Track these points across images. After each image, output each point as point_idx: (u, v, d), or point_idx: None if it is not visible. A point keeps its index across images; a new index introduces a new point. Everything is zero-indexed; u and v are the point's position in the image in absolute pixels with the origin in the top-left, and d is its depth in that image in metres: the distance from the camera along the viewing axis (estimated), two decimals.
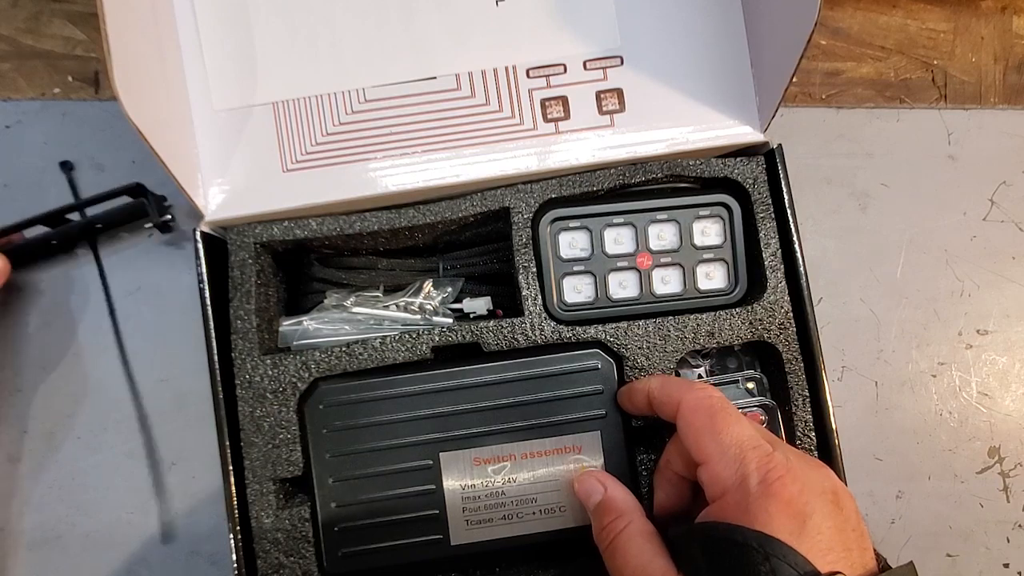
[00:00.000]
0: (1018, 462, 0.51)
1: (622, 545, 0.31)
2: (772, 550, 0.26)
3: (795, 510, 0.27)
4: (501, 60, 0.41)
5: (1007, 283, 0.52)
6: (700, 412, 0.31)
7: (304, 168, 0.41)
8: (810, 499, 0.27)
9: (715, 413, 0.31)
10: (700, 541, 0.28)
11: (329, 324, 0.41)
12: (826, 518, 0.27)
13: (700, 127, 0.41)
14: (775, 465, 0.28)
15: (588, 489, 0.35)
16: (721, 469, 0.29)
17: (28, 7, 0.48)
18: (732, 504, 0.28)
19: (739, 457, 0.29)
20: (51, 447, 0.46)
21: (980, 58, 0.53)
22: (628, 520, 0.32)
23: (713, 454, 0.29)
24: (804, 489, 0.27)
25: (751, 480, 0.28)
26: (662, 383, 0.34)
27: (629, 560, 0.30)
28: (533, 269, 0.40)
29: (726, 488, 0.28)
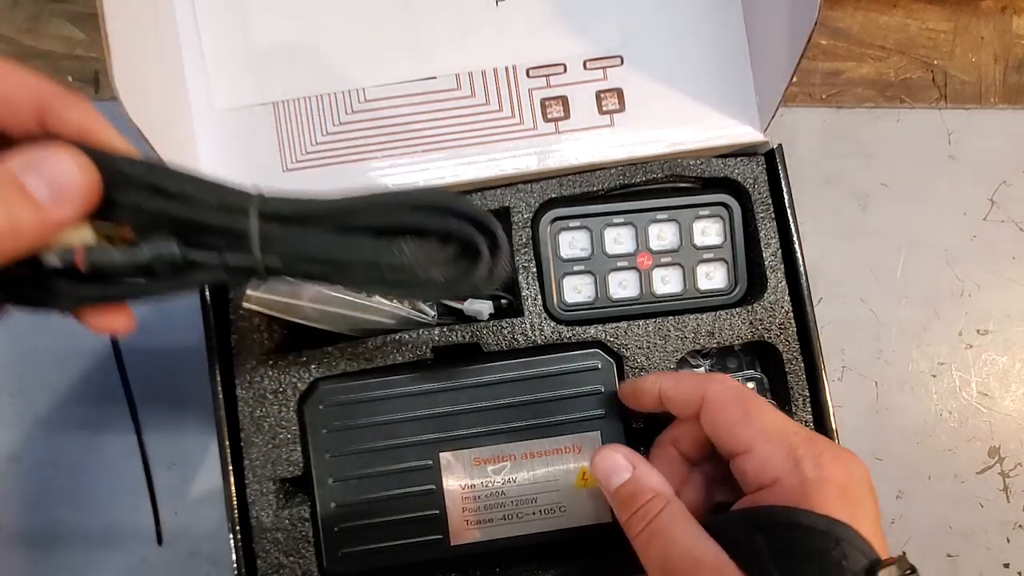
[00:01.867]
0: (1018, 462, 0.51)
1: (664, 529, 0.28)
2: (841, 534, 0.25)
3: (850, 496, 0.26)
4: (501, 60, 0.41)
5: (1007, 283, 0.52)
6: (731, 403, 0.30)
7: (304, 168, 0.41)
8: (858, 486, 0.27)
9: (747, 401, 0.30)
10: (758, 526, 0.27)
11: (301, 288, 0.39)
12: (870, 505, 0.27)
13: (700, 127, 0.41)
14: (823, 450, 0.27)
15: (611, 467, 0.31)
16: (769, 455, 0.28)
17: (28, 7, 0.48)
18: (788, 489, 0.27)
19: (787, 443, 0.28)
20: (51, 447, 0.46)
21: (980, 58, 0.53)
22: (666, 500, 0.29)
23: (757, 442, 0.28)
24: (852, 475, 0.27)
25: (805, 464, 0.27)
26: (677, 381, 0.32)
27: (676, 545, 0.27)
28: (533, 269, 0.40)
29: (779, 474, 0.27)
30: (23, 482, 0.45)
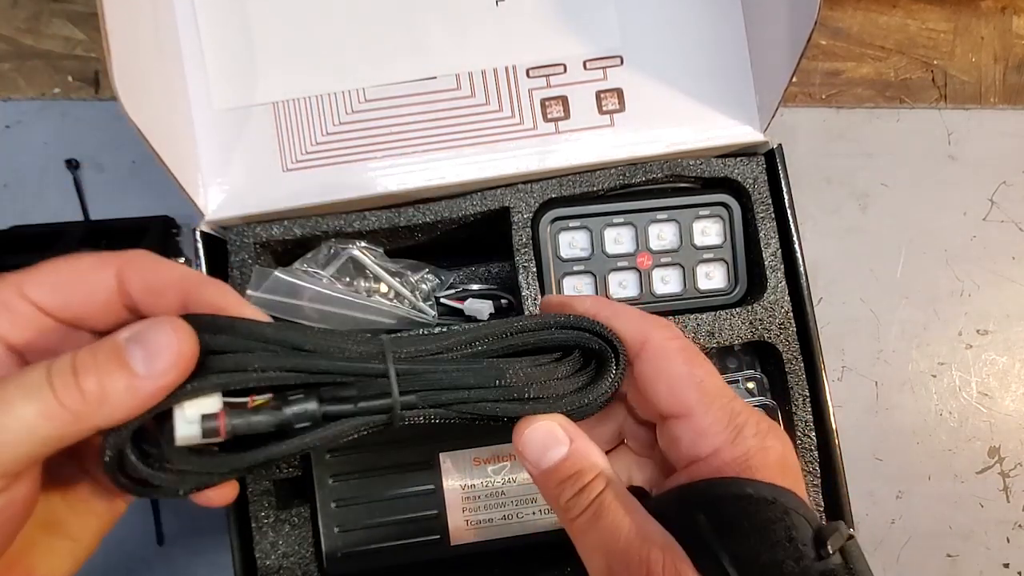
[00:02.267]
0: (1018, 462, 0.51)
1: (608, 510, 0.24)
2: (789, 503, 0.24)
3: (788, 463, 0.25)
4: (501, 60, 0.41)
5: (1007, 283, 0.52)
6: (676, 356, 0.26)
7: (304, 168, 0.41)
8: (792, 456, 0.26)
9: (693, 357, 0.26)
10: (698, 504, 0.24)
11: (301, 288, 0.39)
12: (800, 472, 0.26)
13: (700, 127, 0.41)
14: (759, 418, 0.26)
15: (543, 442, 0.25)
16: (711, 423, 0.25)
17: (28, 7, 0.48)
18: (731, 460, 0.25)
19: (728, 409, 0.25)
20: None
21: (980, 58, 0.53)
22: (608, 478, 0.25)
23: (699, 407, 0.25)
24: (786, 445, 0.26)
25: (747, 432, 0.25)
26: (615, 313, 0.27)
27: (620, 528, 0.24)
28: (533, 269, 0.40)
29: (719, 444, 0.25)
30: None
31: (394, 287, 0.41)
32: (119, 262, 0.22)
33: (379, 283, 0.42)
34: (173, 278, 0.23)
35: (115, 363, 0.20)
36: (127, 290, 0.22)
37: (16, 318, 0.22)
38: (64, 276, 0.22)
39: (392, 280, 0.41)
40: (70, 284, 0.22)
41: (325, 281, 0.40)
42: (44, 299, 0.22)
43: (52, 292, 0.22)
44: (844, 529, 0.23)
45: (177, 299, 0.23)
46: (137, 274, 0.22)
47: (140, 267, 0.22)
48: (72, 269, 0.22)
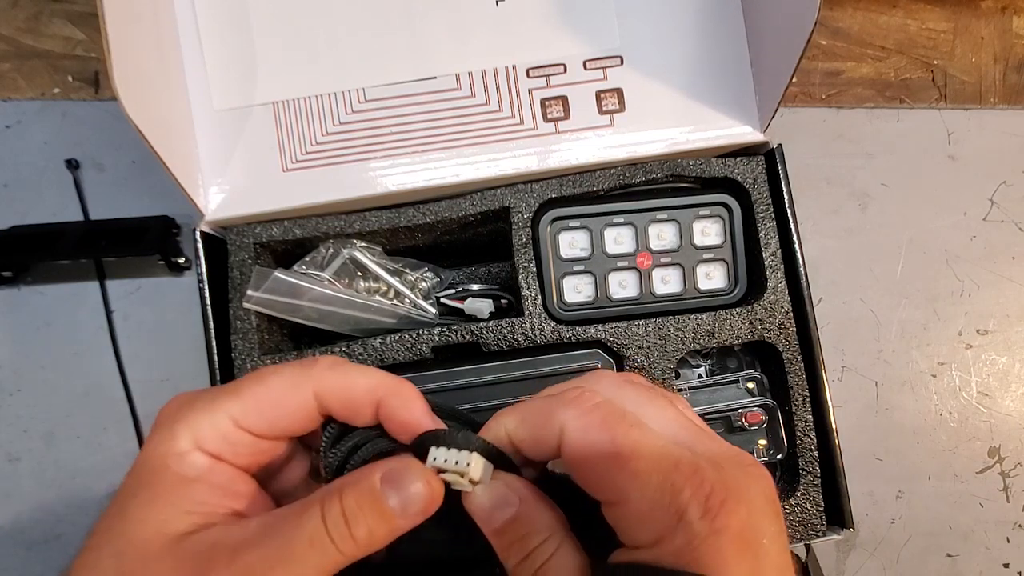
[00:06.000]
0: (1018, 462, 0.51)
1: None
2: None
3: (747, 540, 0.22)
4: (501, 60, 0.41)
5: (1007, 283, 0.52)
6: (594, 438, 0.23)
7: (304, 168, 0.41)
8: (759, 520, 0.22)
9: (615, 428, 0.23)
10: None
11: (301, 289, 0.40)
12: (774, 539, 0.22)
13: (700, 127, 0.41)
14: (713, 487, 0.22)
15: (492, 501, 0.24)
16: (648, 509, 0.22)
17: (28, 7, 0.48)
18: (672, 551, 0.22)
19: (667, 487, 0.22)
20: (51, 447, 0.46)
21: (980, 58, 0.53)
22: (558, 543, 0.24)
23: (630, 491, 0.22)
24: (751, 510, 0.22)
25: (691, 513, 0.21)
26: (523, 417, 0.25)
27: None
28: (533, 269, 0.40)
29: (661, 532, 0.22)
30: (23, 482, 0.45)
31: (394, 286, 0.41)
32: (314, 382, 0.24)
33: (379, 283, 0.42)
34: (365, 390, 0.25)
35: (378, 511, 0.22)
36: (326, 406, 0.25)
37: (238, 448, 0.24)
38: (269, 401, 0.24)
39: (392, 279, 0.41)
40: (276, 408, 0.24)
41: (325, 282, 0.40)
42: (255, 426, 0.24)
43: (261, 418, 0.24)
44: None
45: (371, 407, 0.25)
46: (333, 392, 0.25)
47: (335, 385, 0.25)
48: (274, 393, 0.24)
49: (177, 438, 0.23)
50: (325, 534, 0.21)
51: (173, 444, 0.23)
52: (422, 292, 0.42)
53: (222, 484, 0.23)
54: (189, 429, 0.23)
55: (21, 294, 0.46)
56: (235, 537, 0.21)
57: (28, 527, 0.45)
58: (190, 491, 0.22)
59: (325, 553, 0.21)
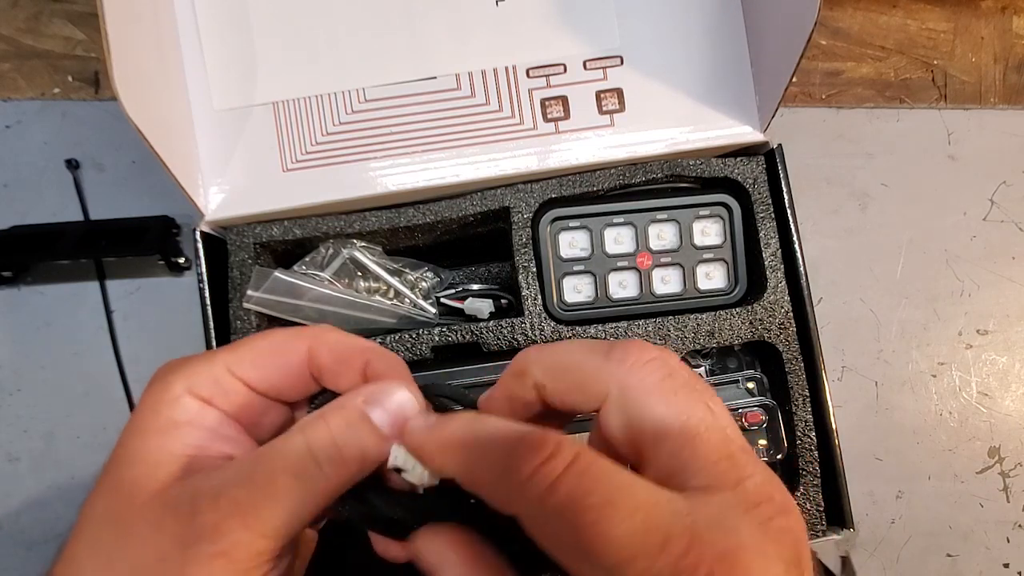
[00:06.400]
0: (1018, 462, 0.51)
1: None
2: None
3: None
4: (501, 60, 0.41)
5: (1007, 283, 0.52)
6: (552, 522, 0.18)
7: (304, 168, 0.41)
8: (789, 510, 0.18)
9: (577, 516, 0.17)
10: None
11: (301, 289, 0.40)
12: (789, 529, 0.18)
13: (700, 127, 0.41)
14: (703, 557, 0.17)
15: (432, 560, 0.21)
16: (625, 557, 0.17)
17: (28, 7, 0.48)
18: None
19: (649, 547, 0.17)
20: (51, 447, 0.46)
21: (980, 58, 0.53)
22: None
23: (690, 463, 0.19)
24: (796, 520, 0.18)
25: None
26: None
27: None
28: (533, 269, 0.40)
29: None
30: (23, 482, 0.45)
31: (394, 286, 0.41)
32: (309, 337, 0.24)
33: (379, 283, 0.42)
34: (357, 348, 0.25)
35: (367, 429, 0.22)
36: (317, 359, 0.24)
37: (230, 395, 0.24)
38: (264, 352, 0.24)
39: (392, 279, 0.41)
40: (270, 358, 0.24)
41: (325, 282, 0.40)
42: (249, 375, 0.24)
43: (255, 368, 0.24)
44: None
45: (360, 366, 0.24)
46: (327, 345, 0.24)
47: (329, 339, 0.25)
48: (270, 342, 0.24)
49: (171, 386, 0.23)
50: (311, 461, 0.21)
51: (166, 392, 0.23)
52: (422, 292, 0.42)
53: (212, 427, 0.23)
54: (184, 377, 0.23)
55: (21, 294, 0.46)
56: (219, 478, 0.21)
57: (28, 527, 0.45)
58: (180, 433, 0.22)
59: (313, 482, 0.21)
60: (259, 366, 0.24)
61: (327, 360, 0.24)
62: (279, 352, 0.24)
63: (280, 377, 0.24)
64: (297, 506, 0.21)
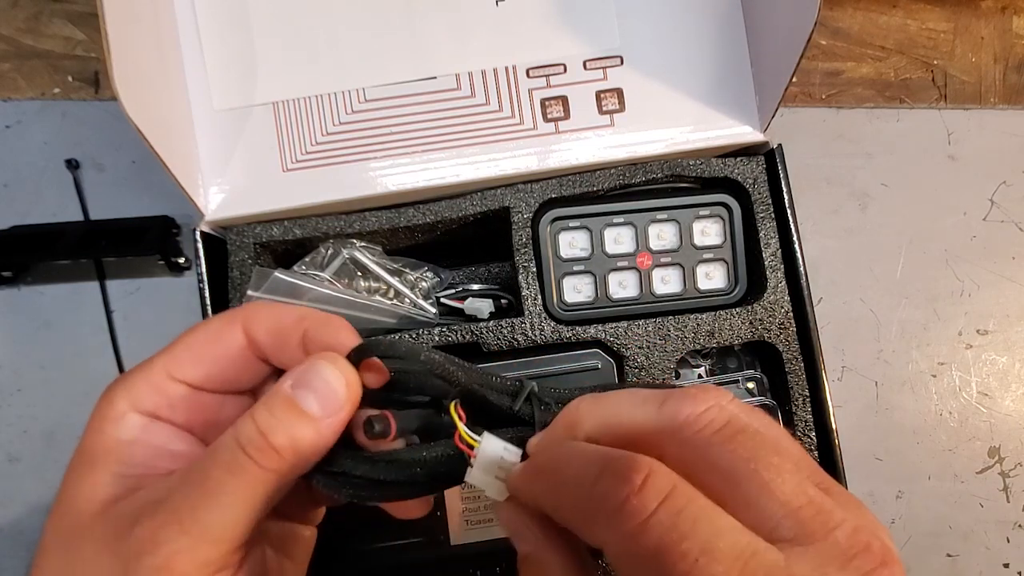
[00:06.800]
0: (1018, 462, 0.51)
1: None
2: None
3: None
4: (501, 60, 0.41)
5: (1007, 283, 0.52)
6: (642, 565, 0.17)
7: (304, 168, 0.41)
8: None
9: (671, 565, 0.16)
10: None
11: (301, 289, 0.39)
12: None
13: (700, 127, 0.41)
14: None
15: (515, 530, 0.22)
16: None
17: (28, 7, 0.48)
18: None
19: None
20: (51, 447, 0.46)
21: (980, 58, 0.53)
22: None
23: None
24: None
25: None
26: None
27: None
28: (533, 269, 0.40)
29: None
30: (23, 482, 0.45)
31: (394, 286, 0.41)
32: (242, 316, 0.24)
33: (379, 283, 0.42)
34: (293, 320, 0.23)
35: (294, 414, 0.21)
36: (255, 340, 0.23)
37: (175, 401, 0.23)
38: (200, 346, 0.23)
39: (392, 279, 0.41)
40: (207, 351, 0.23)
41: (325, 282, 0.40)
42: (190, 375, 0.23)
43: (194, 366, 0.23)
44: None
45: (298, 338, 0.23)
46: (261, 323, 0.23)
47: (262, 316, 0.24)
48: (204, 335, 0.23)
49: (114, 403, 0.22)
50: (240, 453, 0.20)
51: (110, 409, 0.22)
52: (422, 292, 0.42)
53: (158, 444, 0.22)
54: (126, 392, 0.22)
55: (21, 294, 0.46)
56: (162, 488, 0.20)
57: (28, 527, 0.45)
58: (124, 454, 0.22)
59: (247, 476, 0.20)
60: (198, 363, 0.23)
61: (265, 339, 0.23)
62: (214, 342, 0.23)
63: (223, 369, 0.23)
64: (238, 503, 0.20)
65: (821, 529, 0.17)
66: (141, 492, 0.21)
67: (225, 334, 0.23)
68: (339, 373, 0.22)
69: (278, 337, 0.23)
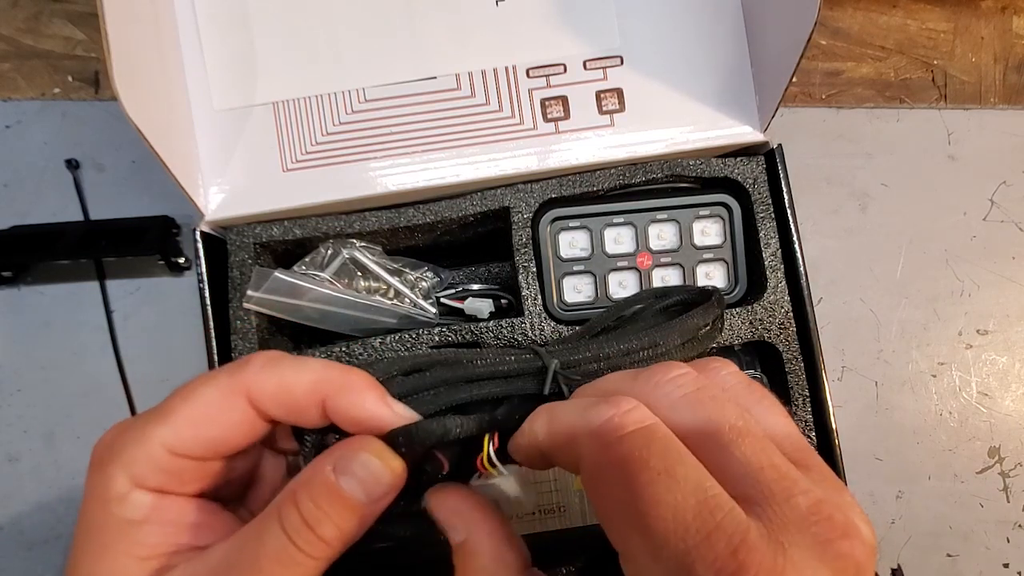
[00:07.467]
0: (1018, 462, 0.51)
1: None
2: None
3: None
4: (501, 60, 0.41)
5: (1007, 283, 0.52)
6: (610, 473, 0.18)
7: (304, 168, 0.41)
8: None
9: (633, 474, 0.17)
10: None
11: (302, 289, 0.39)
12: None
13: (700, 127, 0.41)
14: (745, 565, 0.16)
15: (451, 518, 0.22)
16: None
17: (28, 7, 0.48)
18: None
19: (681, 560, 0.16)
20: (51, 447, 0.46)
21: (980, 58, 0.53)
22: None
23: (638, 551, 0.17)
24: None
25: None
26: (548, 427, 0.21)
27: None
28: (533, 269, 0.40)
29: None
30: (23, 482, 0.45)
31: (394, 286, 0.41)
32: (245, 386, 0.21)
33: (379, 283, 0.42)
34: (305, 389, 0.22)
35: (339, 504, 0.20)
36: (264, 412, 0.22)
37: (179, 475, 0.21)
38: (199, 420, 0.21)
39: (392, 279, 0.41)
40: (207, 427, 0.21)
41: (325, 282, 0.40)
42: (192, 450, 0.21)
43: (196, 441, 0.21)
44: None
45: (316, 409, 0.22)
46: (268, 395, 0.22)
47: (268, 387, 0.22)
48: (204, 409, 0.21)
49: (112, 480, 0.20)
50: (290, 545, 0.20)
51: (110, 487, 0.20)
52: (422, 292, 0.42)
53: (173, 519, 0.21)
54: (123, 467, 0.20)
55: (21, 294, 0.46)
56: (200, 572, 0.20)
57: (28, 527, 0.45)
58: (140, 535, 0.20)
59: (296, 564, 0.20)
60: (200, 438, 0.21)
61: (276, 412, 0.22)
62: (216, 418, 0.21)
63: (228, 441, 0.22)
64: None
65: (782, 493, 0.17)
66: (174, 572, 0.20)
67: (228, 407, 0.22)
68: (382, 462, 0.21)
69: (291, 410, 0.22)
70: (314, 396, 0.22)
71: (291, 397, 0.22)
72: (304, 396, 0.22)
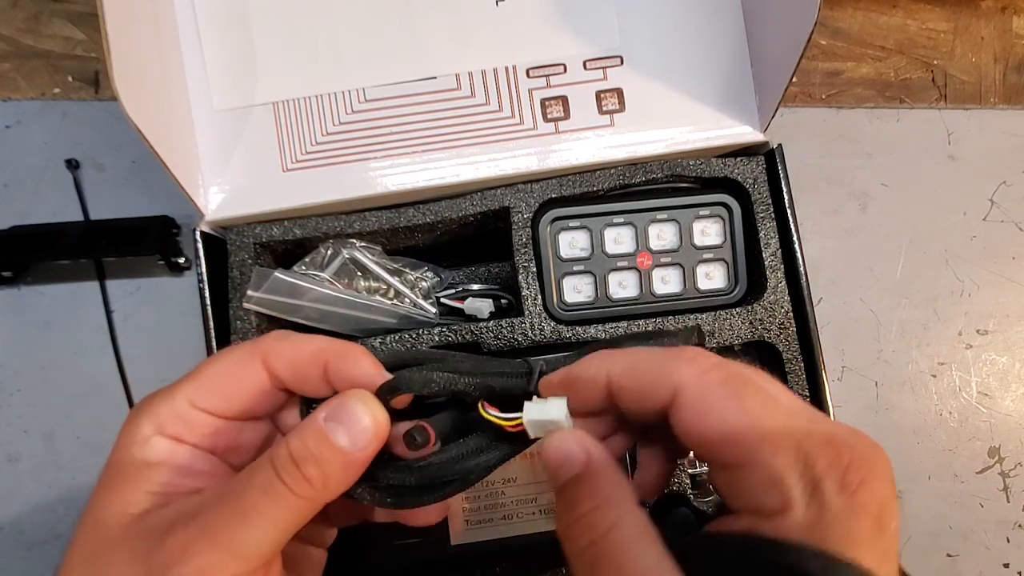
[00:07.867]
0: (1018, 462, 0.51)
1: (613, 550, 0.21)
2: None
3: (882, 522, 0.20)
4: (501, 60, 0.41)
5: (1007, 283, 0.52)
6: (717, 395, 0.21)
7: (304, 168, 0.41)
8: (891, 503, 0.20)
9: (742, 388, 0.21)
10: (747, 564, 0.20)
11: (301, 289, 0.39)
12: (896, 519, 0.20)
13: (700, 127, 0.41)
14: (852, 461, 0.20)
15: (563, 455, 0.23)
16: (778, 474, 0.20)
17: (28, 7, 0.48)
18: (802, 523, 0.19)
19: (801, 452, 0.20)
20: (51, 447, 0.46)
21: (980, 58, 0.53)
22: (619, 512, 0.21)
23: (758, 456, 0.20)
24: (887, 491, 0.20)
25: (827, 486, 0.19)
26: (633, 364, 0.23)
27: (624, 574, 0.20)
28: (533, 269, 0.40)
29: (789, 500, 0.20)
30: (23, 482, 0.45)
31: (394, 286, 0.41)
32: (262, 350, 0.25)
33: (379, 283, 0.42)
34: (311, 354, 0.25)
35: (325, 446, 0.22)
36: (276, 374, 0.25)
37: (197, 427, 0.24)
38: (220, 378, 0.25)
39: (392, 279, 0.41)
40: (227, 384, 0.25)
41: (325, 282, 0.40)
42: (211, 404, 0.24)
43: (216, 397, 0.24)
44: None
45: (318, 372, 0.25)
46: (281, 358, 0.25)
47: (282, 351, 0.25)
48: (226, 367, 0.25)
49: (140, 427, 0.23)
50: (275, 478, 0.21)
51: (137, 433, 0.23)
52: (422, 292, 0.42)
53: (184, 464, 0.24)
54: (151, 417, 0.24)
55: (21, 294, 0.46)
56: (192, 504, 0.22)
57: (28, 527, 0.45)
58: (152, 473, 0.23)
59: (280, 499, 0.21)
60: (219, 394, 0.24)
61: (285, 374, 0.25)
62: (235, 376, 0.25)
63: (243, 400, 0.25)
64: (269, 524, 0.21)
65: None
66: (171, 507, 0.22)
67: (246, 368, 0.25)
68: (369, 411, 0.23)
69: (298, 372, 0.25)
70: (318, 360, 0.25)
71: (297, 358, 0.25)
72: (309, 360, 0.25)
